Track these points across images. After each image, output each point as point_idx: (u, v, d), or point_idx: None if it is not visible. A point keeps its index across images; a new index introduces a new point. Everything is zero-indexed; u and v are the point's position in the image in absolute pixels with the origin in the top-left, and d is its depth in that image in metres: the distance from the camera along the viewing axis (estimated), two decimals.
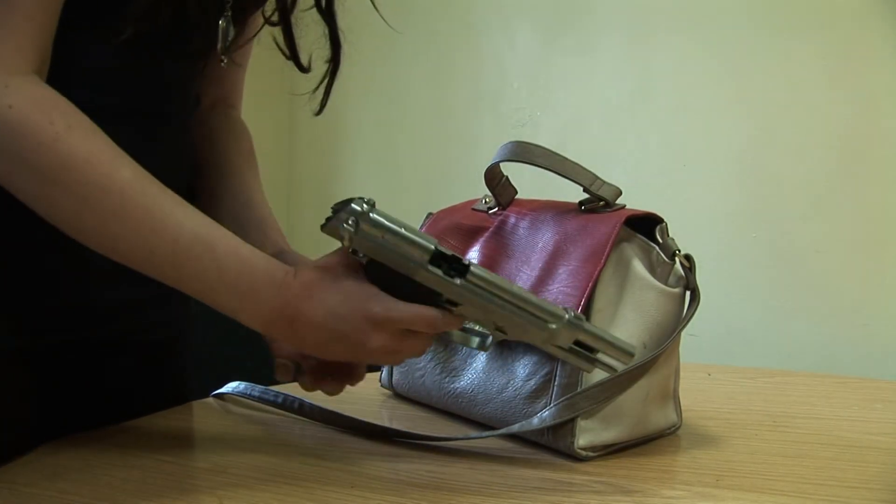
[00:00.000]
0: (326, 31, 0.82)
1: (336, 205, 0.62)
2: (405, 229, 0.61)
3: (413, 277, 0.62)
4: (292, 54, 0.84)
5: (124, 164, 0.63)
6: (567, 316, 0.64)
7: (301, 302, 0.64)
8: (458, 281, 0.62)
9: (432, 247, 0.61)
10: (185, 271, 0.64)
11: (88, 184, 0.62)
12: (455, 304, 0.64)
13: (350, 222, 0.60)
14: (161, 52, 0.75)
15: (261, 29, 0.84)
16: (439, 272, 0.62)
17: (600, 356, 0.67)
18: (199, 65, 0.82)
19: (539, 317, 0.64)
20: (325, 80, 0.83)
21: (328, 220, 0.62)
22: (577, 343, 0.66)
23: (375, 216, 0.61)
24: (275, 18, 0.82)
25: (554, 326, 0.64)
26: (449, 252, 0.62)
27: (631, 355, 0.66)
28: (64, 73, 0.66)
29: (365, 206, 0.61)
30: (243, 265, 0.64)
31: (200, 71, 0.83)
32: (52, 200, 0.63)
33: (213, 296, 0.65)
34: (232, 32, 0.79)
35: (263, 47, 0.85)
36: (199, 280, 0.65)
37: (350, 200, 0.61)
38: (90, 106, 0.65)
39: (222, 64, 0.80)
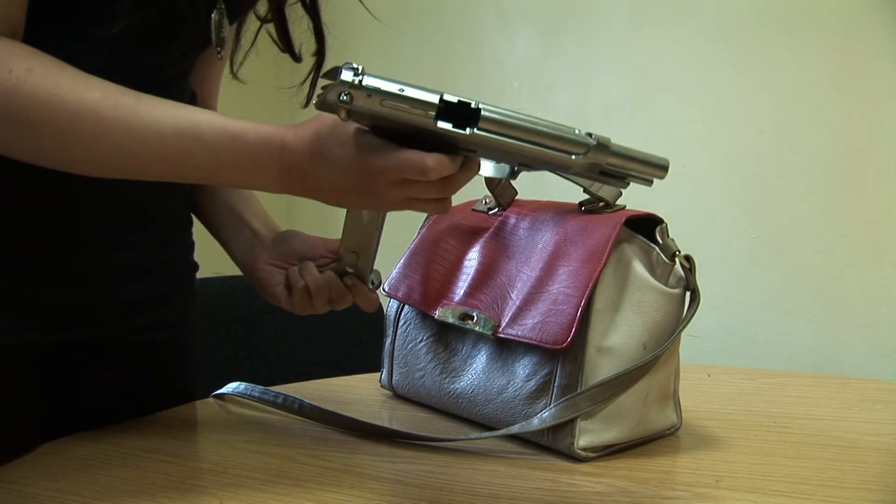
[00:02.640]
0: (311, 25, 0.83)
1: (325, 74, 0.58)
2: (404, 89, 0.57)
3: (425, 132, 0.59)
4: (287, 47, 0.85)
5: (91, 87, 0.63)
6: (593, 143, 0.60)
7: (305, 160, 0.64)
8: (468, 131, 0.57)
9: (436, 100, 0.57)
10: (182, 167, 0.65)
11: (61, 116, 0.62)
12: (473, 151, 0.60)
13: (345, 96, 0.56)
14: (151, 49, 0.74)
15: (259, 30, 0.84)
16: (448, 127, 0.57)
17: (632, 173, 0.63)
18: (190, 61, 0.81)
19: (562, 150, 0.60)
20: (312, 74, 0.84)
21: (320, 97, 0.58)
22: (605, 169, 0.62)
23: (369, 82, 0.56)
24: (268, 15, 0.83)
25: (578, 158, 0.60)
26: (455, 99, 0.57)
27: (665, 168, 0.62)
28: None
29: (355, 74, 0.56)
30: (235, 142, 0.64)
31: (193, 65, 0.83)
32: (34, 143, 0.63)
33: (220, 178, 0.66)
34: (226, 26, 0.79)
35: (262, 44, 0.86)
36: (200, 170, 0.65)
37: (339, 69, 0.57)
38: None
39: (219, 58, 0.80)
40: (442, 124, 0.57)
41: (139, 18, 0.67)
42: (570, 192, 0.80)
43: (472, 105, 0.57)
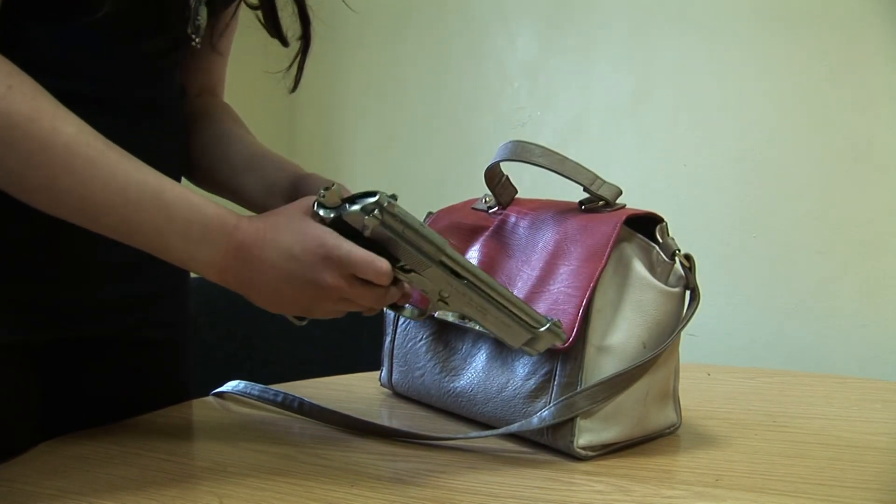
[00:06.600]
0: (295, 10, 0.83)
1: (356, 195, 0.65)
2: (422, 227, 0.66)
3: (419, 272, 0.66)
4: (277, 32, 0.85)
5: (68, 120, 0.63)
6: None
7: (254, 243, 0.65)
8: (464, 282, 0.67)
9: (446, 248, 0.66)
10: (134, 221, 0.64)
11: (33, 140, 0.61)
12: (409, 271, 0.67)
13: (376, 213, 0.63)
14: (136, 37, 0.74)
15: (236, 10, 0.84)
16: (447, 273, 0.67)
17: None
18: (176, 50, 0.81)
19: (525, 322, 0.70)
20: (298, 58, 0.85)
21: (351, 208, 0.64)
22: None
23: (398, 210, 0.64)
24: (255, 1, 0.83)
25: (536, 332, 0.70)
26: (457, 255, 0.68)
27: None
28: (38, 63, 0.65)
29: (389, 199, 0.64)
30: (193, 211, 0.64)
31: (182, 58, 0.83)
32: None
33: (165, 245, 0.65)
34: (204, 13, 0.78)
35: (250, 28, 0.86)
36: (150, 229, 0.64)
37: (372, 193, 0.64)
38: (66, 94, 0.64)
39: (194, 45, 0.79)
40: (441, 269, 0.67)
41: (125, 5, 0.67)
42: (570, 191, 0.80)
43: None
